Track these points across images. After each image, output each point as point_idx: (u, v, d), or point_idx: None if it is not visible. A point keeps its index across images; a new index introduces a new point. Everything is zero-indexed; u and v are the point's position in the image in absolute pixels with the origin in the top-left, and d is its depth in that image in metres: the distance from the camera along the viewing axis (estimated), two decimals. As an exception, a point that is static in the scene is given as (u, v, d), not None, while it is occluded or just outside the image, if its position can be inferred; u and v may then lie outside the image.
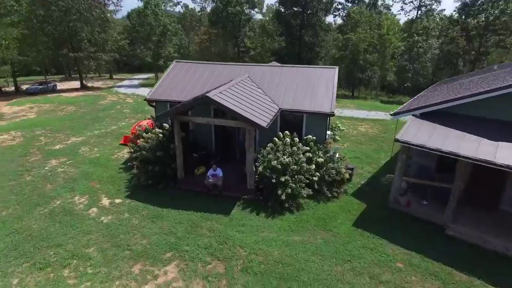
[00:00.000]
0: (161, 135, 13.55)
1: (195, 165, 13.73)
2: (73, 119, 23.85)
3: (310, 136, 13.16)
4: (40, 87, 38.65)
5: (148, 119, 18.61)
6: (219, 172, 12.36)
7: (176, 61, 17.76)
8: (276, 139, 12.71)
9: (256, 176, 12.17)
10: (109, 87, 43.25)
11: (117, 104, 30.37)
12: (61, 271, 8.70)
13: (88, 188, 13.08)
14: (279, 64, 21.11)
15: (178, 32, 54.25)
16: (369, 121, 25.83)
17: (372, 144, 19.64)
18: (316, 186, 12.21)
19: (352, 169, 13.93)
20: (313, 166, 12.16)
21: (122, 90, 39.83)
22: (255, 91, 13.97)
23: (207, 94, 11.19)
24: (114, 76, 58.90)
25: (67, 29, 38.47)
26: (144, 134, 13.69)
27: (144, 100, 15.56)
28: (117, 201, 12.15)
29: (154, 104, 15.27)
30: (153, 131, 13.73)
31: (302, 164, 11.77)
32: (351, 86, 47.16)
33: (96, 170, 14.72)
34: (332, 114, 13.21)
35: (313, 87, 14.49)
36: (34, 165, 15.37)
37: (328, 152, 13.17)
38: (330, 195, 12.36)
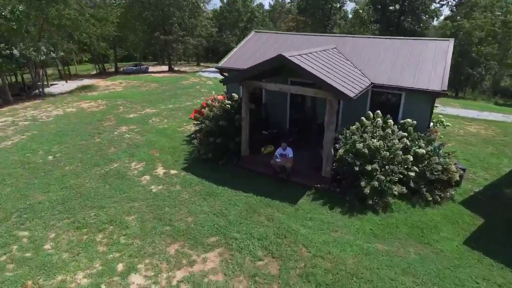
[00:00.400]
0: (228, 105, 11.96)
1: (263, 143, 11.86)
2: (152, 94, 24.22)
3: (410, 120, 10.15)
4: (134, 68, 42.44)
5: (221, 95, 17.46)
6: (289, 152, 10.25)
7: (255, 31, 16.10)
8: (364, 119, 10.05)
9: (334, 164, 9.76)
10: (194, 71, 44.43)
11: (197, 84, 30.39)
12: (96, 234, 7.69)
13: (147, 155, 12.24)
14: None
15: (265, 20, 53.31)
16: (481, 122, 20.84)
17: (488, 147, 15.31)
18: (411, 184, 9.26)
19: (463, 169, 10.48)
20: (411, 158, 9.21)
21: (205, 74, 40.35)
22: (342, 62, 11.45)
23: (282, 53, 9.16)
24: (202, 64, 61.01)
25: (161, 14, 40.33)
26: (209, 102, 12.30)
27: (216, 68, 14.24)
28: (172, 172, 10.97)
29: (226, 73, 13.81)
30: (221, 101, 12.23)
31: (397, 152, 8.94)
32: (455, 84, 40.20)
33: (160, 139, 13.93)
34: (444, 94, 10.06)
35: (417, 60, 11.34)
36: (106, 129, 15.34)
37: (432, 143, 10.03)
38: (430, 198, 9.26)
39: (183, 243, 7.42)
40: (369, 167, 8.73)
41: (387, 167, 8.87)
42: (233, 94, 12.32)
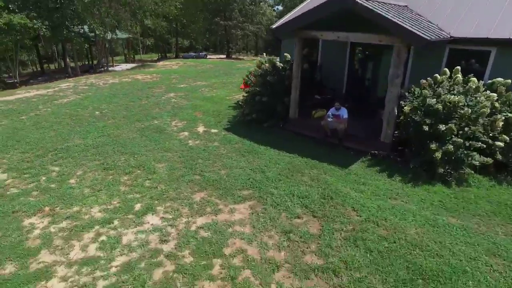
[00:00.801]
0: (280, 65, 10.82)
1: (315, 108, 10.60)
2: (206, 72, 24.03)
3: (501, 79, 8.10)
4: (193, 54, 43.28)
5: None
6: (343, 112, 8.86)
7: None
8: (438, 76, 8.26)
9: (396, 132, 8.19)
10: (251, 59, 44.13)
11: (253, 67, 29.73)
12: (121, 176, 7.18)
13: (190, 116, 11.67)
14: None
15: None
16: None
17: None
18: (498, 157, 7.33)
19: None
20: (501, 122, 7.27)
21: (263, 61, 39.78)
22: (414, 15, 9.69)
23: (342, -8, 7.82)
24: (260, 56, 60.67)
25: (222, 1, 40.54)
26: (260, 59, 11.30)
27: (270, 28, 13.22)
28: (213, 130, 10.21)
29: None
30: (271, 59, 11.20)
31: (482, 110, 7.07)
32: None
33: (206, 104, 13.35)
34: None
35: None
36: (155, 94, 15.20)
37: (531, 109, 7.89)
38: (525, 175, 7.25)
39: (211, 192, 6.54)
40: (442, 127, 7.01)
41: (467, 128, 7.07)
42: (285, 54, 11.19)
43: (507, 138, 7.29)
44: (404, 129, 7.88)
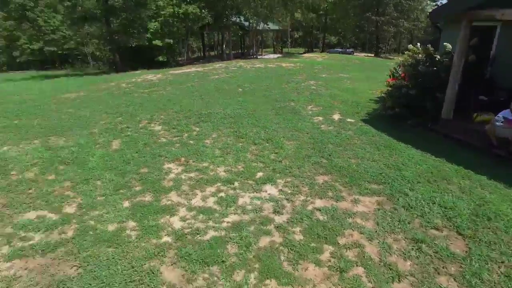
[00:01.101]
0: (438, 57, 9.20)
1: (478, 110, 8.62)
2: (351, 65, 23.07)
3: None
4: (340, 50, 42.64)
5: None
6: (521, 118, 6.84)
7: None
8: None
9: None
10: (402, 59, 40.29)
11: (402, 66, 26.99)
12: (250, 145, 7.53)
13: (327, 103, 11.21)
14: None
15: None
16: None
17: None
18: None
19: None
20: None
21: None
22: None
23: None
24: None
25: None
26: (410, 47, 9.85)
27: (428, 16, 11.41)
28: (349, 120, 9.49)
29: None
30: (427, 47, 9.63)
31: None
32: None
33: (345, 94, 12.63)
34: None
35: None
36: (295, 80, 15.36)
37: None
38: None
39: (335, 178, 6.00)
40: None
41: None
42: (445, 43, 9.42)
43: None
44: None
